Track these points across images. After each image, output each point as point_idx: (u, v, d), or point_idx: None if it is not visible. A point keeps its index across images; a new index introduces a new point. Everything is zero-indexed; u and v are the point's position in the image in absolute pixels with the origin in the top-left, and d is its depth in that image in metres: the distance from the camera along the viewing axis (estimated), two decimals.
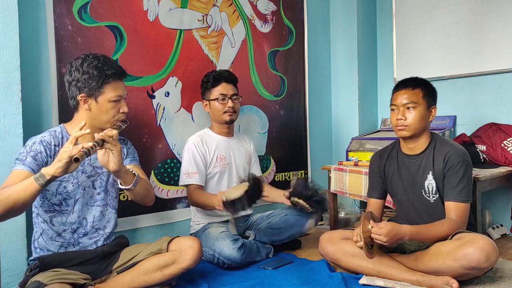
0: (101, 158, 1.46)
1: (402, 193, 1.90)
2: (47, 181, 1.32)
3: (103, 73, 1.55)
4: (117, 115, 1.61)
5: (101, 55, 1.62)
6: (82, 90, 1.55)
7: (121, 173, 1.51)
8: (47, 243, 1.56)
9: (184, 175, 2.14)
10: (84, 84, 1.54)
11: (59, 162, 1.30)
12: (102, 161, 1.46)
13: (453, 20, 2.78)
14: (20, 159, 1.47)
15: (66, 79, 1.59)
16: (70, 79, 1.57)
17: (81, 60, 1.56)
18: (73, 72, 1.56)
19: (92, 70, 1.54)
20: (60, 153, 1.32)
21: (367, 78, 3.20)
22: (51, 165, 1.32)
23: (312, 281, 1.74)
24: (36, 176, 1.32)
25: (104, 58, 1.60)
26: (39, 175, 1.32)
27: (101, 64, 1.56)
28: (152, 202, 1.77)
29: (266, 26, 2.79)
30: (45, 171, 1.32)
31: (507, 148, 2.37)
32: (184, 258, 1.62)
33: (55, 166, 1.30)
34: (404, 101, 1.80)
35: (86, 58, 1.57)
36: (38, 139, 1.53)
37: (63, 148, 1.32)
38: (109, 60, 1.61)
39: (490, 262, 1.52)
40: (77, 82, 1.55)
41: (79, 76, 1.54)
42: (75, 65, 1.56)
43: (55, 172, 1.30)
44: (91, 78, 1.54)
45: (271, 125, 2.82)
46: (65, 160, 1.29)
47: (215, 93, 2.18)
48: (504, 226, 2.52)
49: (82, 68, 1.55)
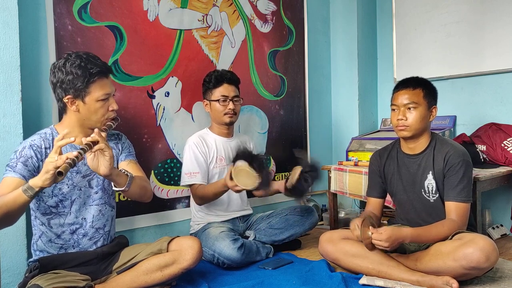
0: (91, 162, 1.42)
1: (401, 192, 1.90)
2: (36, 193, 1.29)
3: (87, 72, 1.48)
4: (106, 114, 1.56)
5: (84, 52, 1.54)
6: (67, 91, 1.49)
7: (113, 176, 1.48)
8: (47, 246, 1.55)
9: (186, 175, 2.12)
10: (69, 85, 1.48)
11: (46, 174, 1.26)
12: (92, 165, 1.43)
13: (453, 20, 2.78)
14: (11, 166, 1.44)
15: (50, 81, 1.53)
16: (54, 81, 1.50)
17: (63, 60, 1.50)
18: (57, 73, 1.49)
19: (76, 70, 1.47)
20: (45, 164, 1.27)
21: (367, 78, 3.20)
22: (38, 177, 1.29)
23: (312, 281, 1.73)
24: (25, 188, 1.29)
25: (87, 56, 1.52)
26: (27, 187, 1.29)
27: (84, 63, 1.49)
28: (150, 199, 1.74)
29: (266, 26, 2.79)
30: (33, 183, 1.29)
31: (507, 148, 2.37)
32: (184, 258, 1.61)
33: (42, 178, 1.27)
34: (405, 101, 1.80)
35: (68, 57, 1.50)
36: (27, 144, 1.49)
37: (49, 159, 1.28)
38: (92, 57, 1.53)
39: (490, 262, 1.52)
40: (61, 84, 1.49)
41: (63, 77, 1.48)
42: (58, 66, 1.50)
43: (43, 184, 1.27)
44: (75, 79, 1.48)
45: (271, 125, 2.82)
46: (52, 172, 1.25)
47: (217, 94, 2.17)
48: (504, 226, 2.52)
49: (65, 68, 1.48)
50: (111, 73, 1.61)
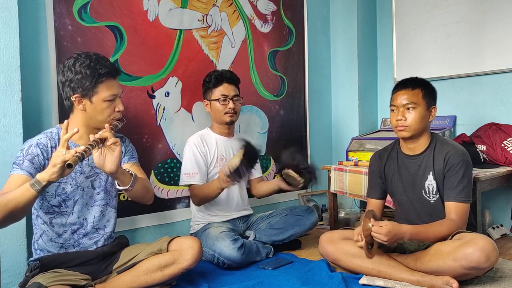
0: (97, 159, 1.43)
1: (402, 193, 1.90)
2: (43, 187, 1.30)
3: (96, 72, 1.51)
4: (112, 114, 1.58)
5: (94, 53, 1.57)
6: (75, 90, 1.51)
7: (118, 174, 1.49)
8: (47, 245, 1.56)
9: (185, 175, 2.13)
10: (78, 84, 1.51)
11: (54, 168, 1.28)
12: (98, 162, 1.43)
13: (453, 20, 2.78)
14: (17, 163, 1.45)
15: (59, 80, 1.56)
16: (63, 80, 1.53)
17: (73, 60, 1.52)
18: (66, 72, 1.52)
19: (85, 70, 1.50)
20: (53, 158, 1.29)
21: (367, 78, 3.20)
22: (46, 171, 1.30)
23: (312, 281, 1.73)
24: (32, 182, 1.30)
25: (96, 56, 1.55)
26: (34, 181, 1.30)
27: (94, 63, 1.52)
28: (151, 201, 1.76)
29: (266, 26, 2.79)
30: (40, 177, 1.30)
31: (507, 148, 2.37)
32: (184, 258, 1.61)
33: (49, 172, 1.28)
34: (404, 102, 1.80)
35: (78, 57, 1.53)
36: (34, 142, 1.51)
37: (56, 153, 1.30)
38: (101, 58, 1.56)
39: (490, 262, 1.52)
40: (70, 83, 1.51)
41: (72, 76, 1.51)
42: (67, 65, 1.52)
43: (50, 178, 1.29)
44: (84, 78, 1.50)
45: (271, 125, 2.82)
46: (59, 165, 1.27)
47: (217, 93, 2.17)
48: (504, 226, 2.52)
49: (74, 68, 1.51)
50: (119, 75, 1.63)
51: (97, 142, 1.40)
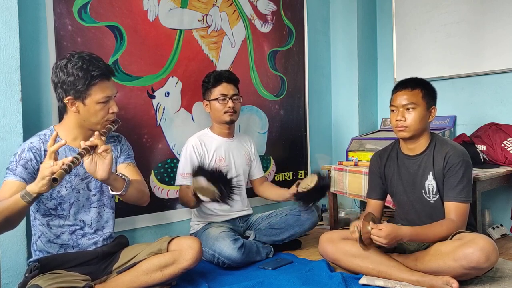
0: (88, 166, 1.40)
1: (402, 193, 1.90)
2: (34, 199, 1.29)
3: (88, 74, 1.46)
4: (106, 116, 1.55)
5: (87, 53, 1.52)
6: (68, 92, 1.48)
7: (110, 181, 1.46)
8: (46, 246, 1.55)
9: (180, 175, 2.13)
10: (70, 86, 1.46)
11: (43, 180, 1.25)
12: (89, 169, 1.41)
13: (453, 20, 2.78)
14: (11, 169, 1.44)
15: (52, 80, 1.52)
16: (56, 80, 1.49)
17: (65, 61, 1.48)
18: (58, 73, 1.48)
19: (77, 72, 1.45)
20: (41, 170, 1.26)
21: (367, 78, 3.20)
22: (35, 183, 1.28)
23: (312, 281, 1.74)
24: (23, 194, 1.28)
25: (89, 57, 1.50)
26: (25, 193, 1.28)
27: (86, 65, 1.47)
28: (147, 203, 1.73)
29: (266, 26, 2.79)
30: (30, 189, 1.27)
31: (507, 148, 2.37)
32: (184, 258, 1.61)
33: (39, 184, 1.26)
34: (404, 102, 1.80)
35: (70, 58, 1.48)
36: (27, 146, 1.48)
37: (44, 165, 1.27)
38: (95, 59, 1.51)
39: (490, 262, 1.52)
40: (62, 84, 1.47)
41: (64, 78, 1.46)
42: (59, 66, 1.48)
43: (40, 190, 1.26)
44: (76, 80, 1.46)
45: (271, 125, 2.82)
46: (48, 177, 1.24)
47: (216, 93, 2.17)
48: (504, 226, 2.52)
49: (66, 69, 1.46)
50: (113, 75, 1.59)
51: (87, 150, 1.37)
